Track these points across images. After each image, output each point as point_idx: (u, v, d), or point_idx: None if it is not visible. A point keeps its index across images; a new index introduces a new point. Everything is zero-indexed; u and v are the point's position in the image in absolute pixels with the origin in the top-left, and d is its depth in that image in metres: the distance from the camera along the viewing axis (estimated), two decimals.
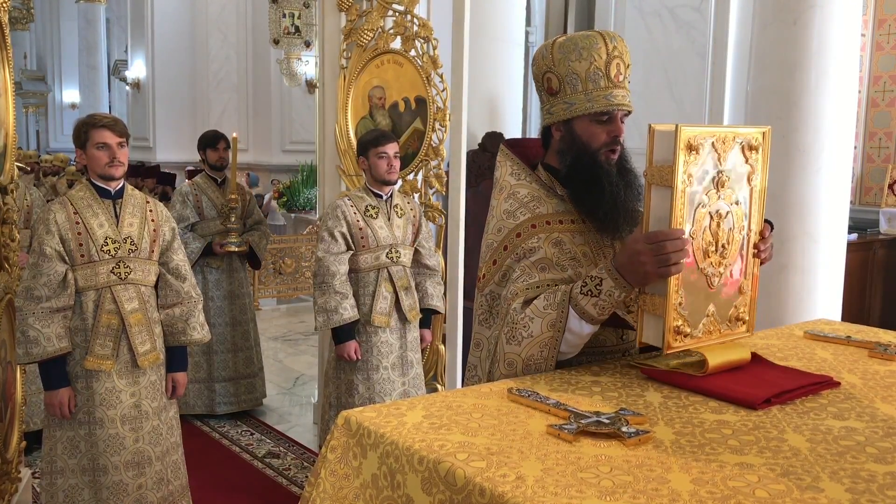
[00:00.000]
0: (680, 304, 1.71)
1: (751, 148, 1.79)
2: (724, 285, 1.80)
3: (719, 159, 1.74)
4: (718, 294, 1.79)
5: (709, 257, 1.75)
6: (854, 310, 5.99)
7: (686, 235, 1.69)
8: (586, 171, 1.93)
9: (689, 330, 1.74)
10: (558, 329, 1.79)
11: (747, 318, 1.84)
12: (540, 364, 1.81)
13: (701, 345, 1.77)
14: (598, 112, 1.91)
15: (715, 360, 1.75)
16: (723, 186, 1.74)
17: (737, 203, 1.79)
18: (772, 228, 1.87)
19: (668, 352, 1.73)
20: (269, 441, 4.96)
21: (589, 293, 1.76)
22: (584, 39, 1.91)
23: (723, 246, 1.77)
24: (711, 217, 1.74)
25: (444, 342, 4.44)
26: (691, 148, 1.66)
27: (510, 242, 1.94)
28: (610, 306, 1.76)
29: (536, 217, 1.94)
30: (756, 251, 1.84)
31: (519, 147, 2.12)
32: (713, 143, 1.72)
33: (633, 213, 1.95)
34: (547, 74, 1.96)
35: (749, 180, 1.80)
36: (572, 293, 1.79)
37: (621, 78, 1.92)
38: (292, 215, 10.78)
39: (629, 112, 1.96)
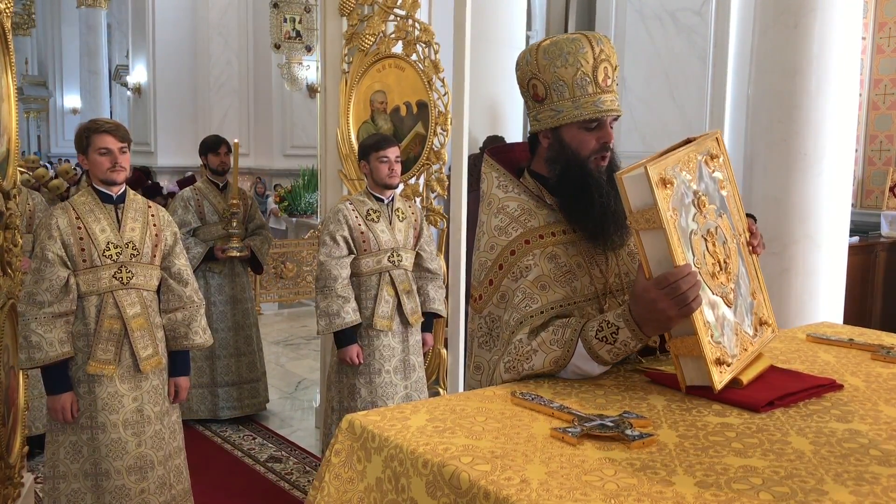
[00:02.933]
0: (711, 336, 1.65)
1: (712, 157, 1.78)
2: (739, 295, 1.78)
3: (691, 182, 1.70)
4: (740, 307, 1.77)
5: (717, 278, 1.70)
6: (856, 312, 5.99)
7: (693, 268, 1.62)
8: (576, 181, 1.89)
9: (728, 359, 1.67)
10: (560, 366, 1.77)
11: (770, 319, 1.81)
12: None
13: (741, 366, 1.71)
14: (587, 119, 1.87)
15: (748, 376, 1.71)
16: (703, 206, 1.71)
17: (721, 216, 1.77)
18: (755, 221, 1.86)
19: (720, 388, 1.63)
20: (271, 445, 4.96)
21: (604, 339, 1.72)
22: (569, 44, 1.85)
23: (724, 262, 1.73)
24: (706, 240, 1.70)
25: (445, 346, 4.45)
26: (665, 182, 1.62)
27: (505, 261, 1.89)
28: (624, 353, 1.73)
29: (529, 231, 1.89)
30: (751, 248, 1.83)
31: (504, 154, 2.08)
32: (680, 168, 1.68)
33: (623, 220, 1.90)
34: (532, 81, 1.91)
35: (721, 187, 1.79)
36: (586, 335, 1.74)
37: (609, 82, 1.88)
38: (293, 220, 10.78)
39: (618, 116, 1.92)
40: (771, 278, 3.81)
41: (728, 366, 1.67)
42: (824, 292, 3.86)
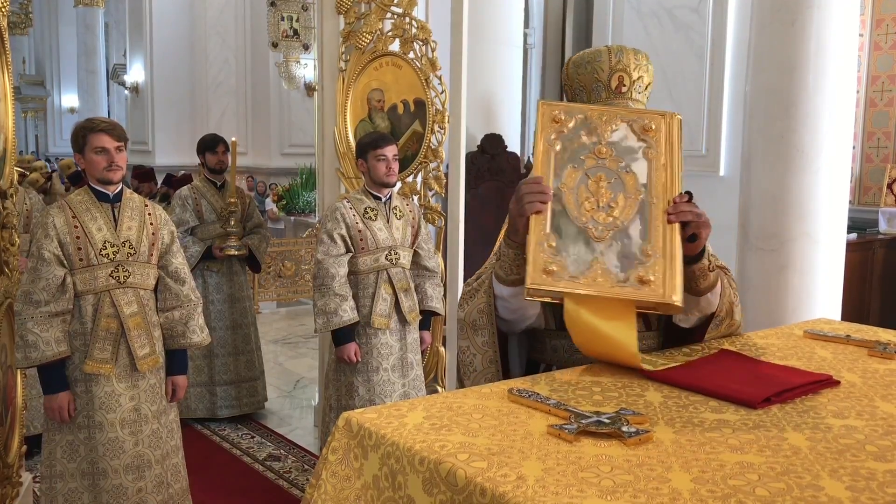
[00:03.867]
0: (551, 245, 1.79)
1: (645, 129, 1.88)
2: (618, 243, 1.81)
3: (598, 132, 1.88)
4: (613, 250, 1.81)
5: (588, 211, 1.83)
6: (853, 309, 5.99)
7: (550, 186, 1.82)
8: None
9: (563, 274, 1.77)
10: (490, 295, 1.98)
11: (652, 278, 1.78)
12: (483, 329, 2.01)
13: (585, 292, 1.77)
14: None
15: (604, 317, 1.78)
16: (603, 156, 1.86)
17: (629, 172, 1.86)
18: (690, 197, 1.85)
19: (530, 286, 1.75)
20: (269, 444, 4.96)
21: (497, 258, 1.95)
22: (590, 54, 2.10)
23: (609, 205, 1.83)
24: (589, 177, 1.85)
25: (444, 344, 4.44)
26: (555, 120, 1.88)
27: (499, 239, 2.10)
28: (508, 265, 1.90)
29: None
30: (668, 217, 1.83)
31: None
32: (585, 117, 1.89)
33: None
34: (565, 87, 2.18)
35: (646, 155, 1.87)
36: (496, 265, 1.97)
37: (624, 89, 2.06)
38: (292, 218, 10.78)
39: None
40: (769, 275, 3.81)
41: (556, 276, 1.77)
42: (822, 289, 3.85)
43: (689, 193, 1.84)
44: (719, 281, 1.99)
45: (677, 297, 1.76)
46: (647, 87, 2.12)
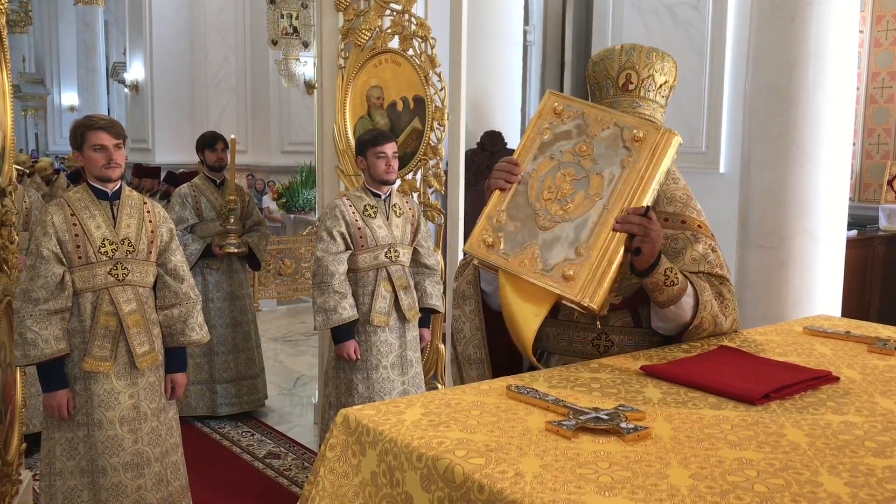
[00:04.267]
0: (499, 221, 1.90)
1: (634, 139, 1.89)
2: (558, 236, 1.84)
3: (588, 131, 1.93)
4: (550, 240, 1.85)
5: (546, 201, 1.89)
6: (853, 306, 5.98)
7: (523, 170, 1.93)
8: None
9: (498, 249, 1.88)
10: (476, 267, 2.09)
11: (572, 273, 1.79)
12: (470, 298, 2.14)
13: (505, 266, 1.86)
14: None
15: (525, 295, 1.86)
16: (582, 154, 1.91)
17: (599, 174, 1.88)
18: (646, 212, 1.82)
19: (466, 250, 1.93)
20: (269, 442, 4.95)
21: None
22: (605, 52, 2.18)
23: (566, 199, 1.88)
24: (560, 170, 1.91)
25: (444, 341, 4.44)
26: (556, 113, 1.97)
27: None
28: None
29: None
30: (614, 225, 1.83)
31: None
32: (583, 114, 1.94)
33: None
34: (587, 83, 2.26)
35: (623, 163, 1.88)
36: None
37: (631, 87, 2.11)
38: (291, 216, 10.77)
39: None
40: (769, 272, 3.80)
41: (491, 249, 1.89)
42: (822, 286, 3.85)
43: (647, 208, 1.83)
44: (691, 294, 1.95)
45: (593, 301, 1.78)
46: (660, 87, 2.13)
